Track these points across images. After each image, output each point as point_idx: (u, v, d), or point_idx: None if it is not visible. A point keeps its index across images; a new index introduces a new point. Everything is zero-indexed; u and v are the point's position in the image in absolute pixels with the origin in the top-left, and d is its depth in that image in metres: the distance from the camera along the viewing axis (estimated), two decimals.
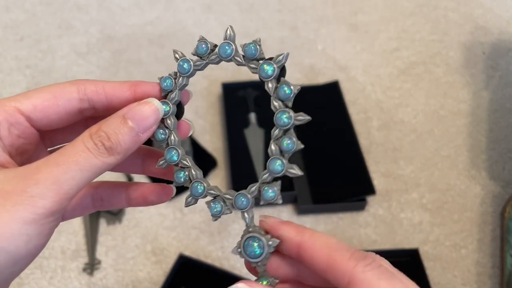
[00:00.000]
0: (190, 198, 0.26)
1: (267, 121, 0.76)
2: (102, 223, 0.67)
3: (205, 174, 0.72)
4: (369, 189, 0.68)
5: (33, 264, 0.62)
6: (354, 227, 0.67)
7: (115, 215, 0.67)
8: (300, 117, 0.22)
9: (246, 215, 0.25)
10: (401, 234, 0.66)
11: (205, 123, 0.79)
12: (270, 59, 0.23)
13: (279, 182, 0.24)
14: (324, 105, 0.80)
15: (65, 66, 0.89)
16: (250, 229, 0.24)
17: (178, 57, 0.26)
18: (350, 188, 0.69)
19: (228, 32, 0.25)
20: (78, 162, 0.21)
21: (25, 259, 0.21)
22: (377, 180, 0.71)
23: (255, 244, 0.23)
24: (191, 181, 0.26)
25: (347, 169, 0.71)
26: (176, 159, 0.26)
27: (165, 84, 0.26)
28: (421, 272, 0.60)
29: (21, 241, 0.20)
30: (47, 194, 0.20)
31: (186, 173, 0.26)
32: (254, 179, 0.70)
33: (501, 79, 0.87)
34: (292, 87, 0.23)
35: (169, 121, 0.26)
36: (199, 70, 0.26)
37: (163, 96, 0.26)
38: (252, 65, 0.24)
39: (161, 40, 0.94)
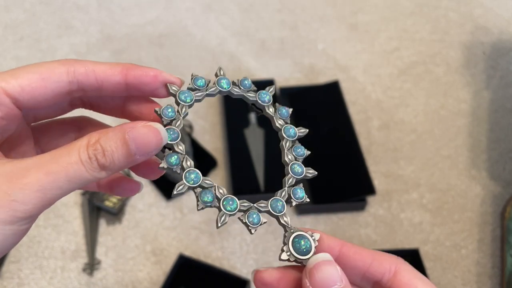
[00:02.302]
0: (224, 216, 0.25)
1: (267, 121, 0.76)
2: (102, 223, 0.67)
3: (205, 174, 0.72)
4: (369, 189, 0.68)
5: (33, 264, 0.62)
6: (354, 227, 0.67)
7: (115, 215, 0.67)
8: (301, 130, 0.28)
9: (285, 218, 0.26)
10: (401, 234, 0.66)
11: (205, 123, 0.79)
12: (263, 89, 0.29)
13: (301, 184, 0.27)
14: (324, 105, 0.80)
15: None
16: (293, 230, 0.25)
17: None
18: (350, 188, 0.69)
19: (221, 72, 0.28)
20: (68, 174, 0.21)
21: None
22: (377, 180, 0.71)
23: (303, 242, 0.24)
24: (219, 200, 0.25)
25: (347, 169, 0.71)
26: (198, 180, 0.25)
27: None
28: (421, 272, 0.60)
29: None
30: (30, 200, 0.20)
31: (212, 193, 0.25)
32: (254, 179, 0.70)
33: (501, 79, 0.87)
34: (288, 109, 0.29)
35: (180, 147, 0.25)
36: (198, 101, 0.27)
37: (166, 124, 0.25)
38: (250, 94, 0.29)
39: (161, 40, 0.94)
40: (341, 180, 0.70)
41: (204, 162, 0.73)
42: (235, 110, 0.78)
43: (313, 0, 1.04)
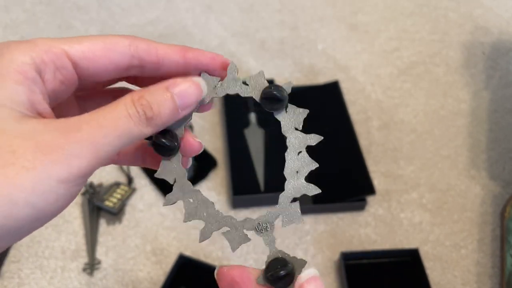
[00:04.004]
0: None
1: (267, 121, 0.76)
2: (102, 223, 0.67)
3: (205, 174, 0.72)
4: (369, 189, 0.68)
5: (33, 264, 0.62)
6: (354, 227, 0.67)
7: (115, 215, 0.67)
8: (312, 137, 0.28)
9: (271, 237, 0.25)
10: (401, 234, 0.66)
11: (205, 123, 0.79)
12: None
13: (297, 203, 0.26)
14: (324, 105, 0.80)
15: None
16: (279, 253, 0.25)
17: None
18: (350, 188, 0.69)
19: (233, 71, 0.27)
20: (117, 128, 0.21)
21: (46, 218, 0.21)
22: (377, 180, 0.71)
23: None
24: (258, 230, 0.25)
25: (347, 169, 0.71)
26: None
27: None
28: (421, 272, 0.60)
29: (50, 199, 0.20)
30: (85, 155, 0.20)
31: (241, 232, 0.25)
32: (254, 179, 0.70)
33: (501, 79, 0.87)
34: (302, 111, 0.28)
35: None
36: (204, 104, 0.26)
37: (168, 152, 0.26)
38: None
39: (161, 40, 0.93)
40: (341, 180, 0.70)
41: (204, 162, 0.73)
42: (235, 110, 0.78)
43: (313, 0, 1.04)
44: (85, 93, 0.27)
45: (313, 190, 0.26)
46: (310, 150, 0.28)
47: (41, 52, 0.22)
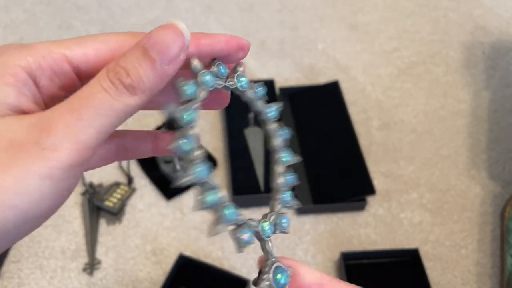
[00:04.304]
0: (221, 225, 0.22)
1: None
2: (102, 223, 0.67)
3: None
4: (369, 189, 0.68)
5: (33, 264, 0.62)
6: (354, 227, 0.67)
7: (115, 215, 0.67)
8: (296, 158, 0.26)
9: (271, 243, 0.24)
10: (401, 234, 0.66)
11: (205, 123, 0.79)
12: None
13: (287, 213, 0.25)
14: (324, 105, 0.80)
15: None
16: (273, 259, 0.23)
17: (199, 68, 0.23)
18: (350, 188, 0.69)
19: (241, 68, 0.24)
20: (94, 106, 0.18)
21: (36, 219, 0.19)
22: (377, 180, 0.71)
23: (280, 275, 0.23)
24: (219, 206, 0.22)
25: (347, 169, 0.71)
26: (234, 217, 0.22)
27: (186, 89, 0.22)
28: (421, 272, 0.60)
29: (34, 197, 0.18)
30: (62, 145, 0.18)
31: (250, 230, 0.23)
32: (254, 179, 0.70)
33: (501, 79, 0.87)
34: (288, 132, 0.26)
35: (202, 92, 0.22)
36: (217, 89, 0.23)
37: (183, 101, 0.22)
38: (259, 103, 0.26)
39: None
40: (341, 180, 0.70)
41: None
42: (235, 110, 0.78)
43: (313, 0, 1.04)
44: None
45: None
46: (311, 150, 0.28)
47: (39, 58, 0.20)
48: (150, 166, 0.72)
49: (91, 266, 0.62)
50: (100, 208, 0.68)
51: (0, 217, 0.17)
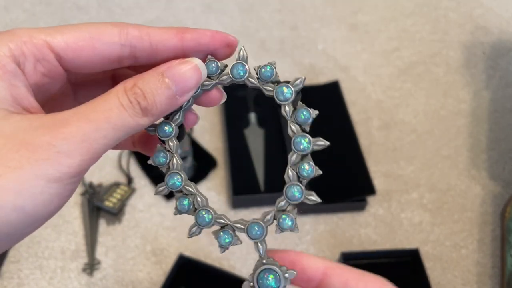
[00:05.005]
0: (195, 228, 0.23)
1: (267, 121, 0.76)
2: (102, 223, 0.67)
3: (205, 174, 0.72)
4: (369, 189, 0.68)
5: (33, 265, 0.62)
6: (354, 227, 0.67)
7: (115, 215, 0.67)
8: (319, 142, 0.22)
9: (259, 245, 0.23)
10: (401, 234, 0.66)
11: (205, 123, 0.79)
12: (287, 82, 0.23)
13: (295, 210, 0.23)
14: (324, 105, 0.80)
15: None
16: (264, 261, 0.23)
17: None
18: (350, 188, 0.69)
19: (242, 53, 0.24)
20: (110, 120, 0.19)
21: (41, 220, 0.19)
22: (377, 180, 0.71)
23: (271, 277, 0.22)
24: (196, 209, 0.23)
25: (347, 169, 0.71)
26: (179, 184, 0.23)
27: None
28: (421, 272, 0.60)
29: (41, 200, 0.18)
30: (76, 152, 0.18)
31: (190, 200, 0.23)
32: (254, 179, 0.70)
33: (501, 79, 0.87)
34: (310, 112, 0.23)
35: (171, 143, 0.23)
36: (207, 90, 0.24)
37: (165, 117, 0.23)
38: (268, 87, 0.23)
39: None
40: (341, 180, 0.70)
41: (204, 162, 0.73)
42: (235, 110, 0.78)
43: (313, 0, 1.04)
44: (81, 82, 0.25)
45: (315, 198, 0.23)
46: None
47: (20, 43, 0.20)
48: (150, 166, 0.72)
49: (91, 266, 0.62)
50: (100, 208, 0.68)
51: (5, 217, 0.17)
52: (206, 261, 0.62)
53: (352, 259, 0.62)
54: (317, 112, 0.23)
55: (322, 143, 0.22)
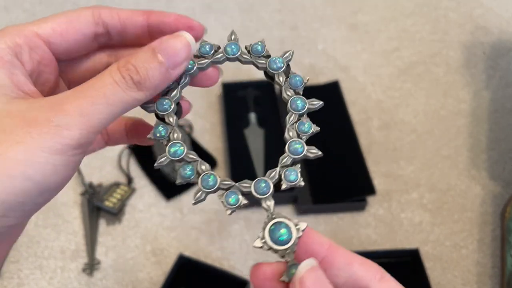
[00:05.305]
0: (200, 192, 0.23)
1: (267, 121, 0.76)
2: (102, 223, 0.67)
3: None
4: (369, 189, 0.68)
5: (33, 265, 0.62)
6: (354, 227, 0.67)
7: (115, 215, 0.67)
8: (314, 102, 0.25)
9: (267, 202, 0.23)
10: (401, 234, 0.66)
11: (205, 123, 0.79)
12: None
13: (299, 165, 0.24)
14: (324, 105, 0.80)
15: None
16: (274, 215, 0.23)
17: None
18: (350, 188, 0.69)
19: (233, 36, 0.26)
20: (105, 95, 0.21)
21: (50, 191, 0.21)
22: (377, 180, 0.71)
23: (283, 230, 0.22)
24: (199, 175, 0.23)
25: (347, 169, 0.71)
26: (181, 153, 0.23)
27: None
28: (421, 272, 0.60)
29: (48, 170, 0.20)
30: (74, 125, 0.20)
31: (194, 166, 0.24)
32: (254, 179, 0.70)
33: (501, 79, 0.87)
34: (302, 77, 0.25)
35: (170, 119, 0.24)
36: (202, 69, 0.25)
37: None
38: (261, 61, 0.25)
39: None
40: (341, 180, 0.70)
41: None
42: (235, 110, 0.78)
43: (313, 0, 1.04)
44: (76, 78, 0.27)
45: (315, 152, 0.24)
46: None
47: (13, 36, 0.22)
48: (150, 166, 0.72)
49: (91, 266, 0.62)
50: (100, 208, 0.67)
51: (16, 187, 0.19)
52: (206, 261, 0.62)
53: None
54: (308, 78, 0.25)
55: (316, 102, 0.25)
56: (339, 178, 0.70)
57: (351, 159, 0.72)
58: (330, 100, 0.81)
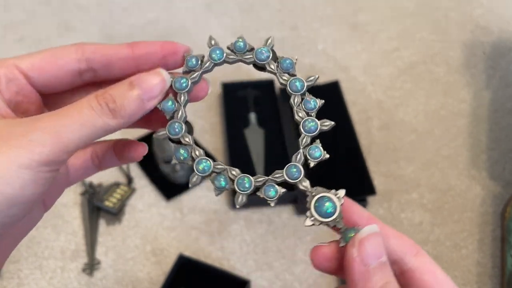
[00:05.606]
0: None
1: (267, 121, 0.76)
2: (102, 223, 0.67)
3: None
4: (369, 189, 0.68)
5: (33, 265, 0.62)
6: None
7: (115, 215, 0.67)
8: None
9: (303, 183, 0.25)
10: None
11: (205, 123, 0.79)
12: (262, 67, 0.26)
13: (318, 140, 0.26)
14: (324, 105, 0.80)
15: None
16: (314, 193, 0.25)
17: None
18: (350, 188, 0.69)
19: (213, 41, 0.27)
20: (80, 117, 0.21)
21: (20, 205, 0.21)
22: (377, 180, 0.71)
23: (327, 203, 0.24)
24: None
25: (347, 169, 0.71)
26: (208, 168, 0.25)
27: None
28: None
29: (17, 184, 0.20)
30: (46, 141, 0.21)
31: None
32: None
33: (501, 79, 0.87)
34: (291, 58, 0.26)
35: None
36: (196, 82, 0.26)
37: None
38: (247, 56, 0.26)
39: (161, 40, 0.94)
40: (341, 180, 0.70)
41: None
42: (235, 110, 0.78)
43: (313, 0, 1.04)
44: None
45: (328, 124, 0.27)
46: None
47: None
48: (150, 166, 0.72)
49: (91, 266, 0.62)
50: (99, 208, 0.68)
51: None
52: (206, 261, 0.62)
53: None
54: (297, 57, 0.26)
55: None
56: (339, 178, 0.70)
57: (351, 159, 0.72)
58: (330, 100, 0.80)
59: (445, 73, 0.88)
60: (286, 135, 0.73)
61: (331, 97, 0.81)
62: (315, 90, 0.27)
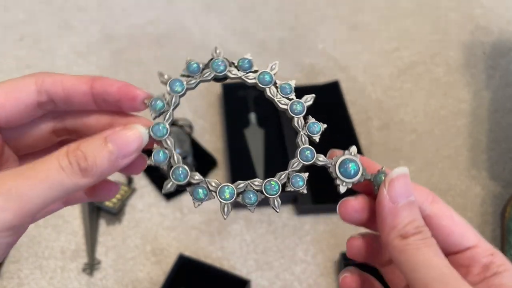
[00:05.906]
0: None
1: (267, 121, 0.76)
2: (102, 223, 0.67)
3: (205, 174, 0.72)
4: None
5: (33, 264, 0.62)
6: (354, 228, 0.67)
7: (115, 215, 0.67)
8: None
9: (320, 158, 0.27)
10: None
11: (205, 123, 0.79)
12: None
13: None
14: (324, 105, 0.80)
15: (65, 66, 0.89)
16: (333, 162, 0.26)
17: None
18: (350, 188, 0.69)
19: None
20: (48, 180, 0.20)
21: None
22: None
23: (349, 165, 0.26)
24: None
25: None
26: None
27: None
28: None
29: None
30: (8, 207, 0.19)
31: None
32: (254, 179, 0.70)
33: (501, 79, 0.87)
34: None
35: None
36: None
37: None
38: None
39: (161, 40, 0.94)
40: None
41: (204, 162, 0.73)
42: (235, 110, 0.78)
43: (313, 0, 1.03)
44: (29, 154, 0.27)
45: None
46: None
47: None
48: (150, 166, 0.72)
49: (91, 266, 0.62)
50: (100, 208, 0.68)
51: None
52: (206, 261, 0.62)
53: (352, 259, 0.61)
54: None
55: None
56: None
57: None
58: (330, 100, 0.80)
59: (445, 73, 0.88)
60: (286, 135, 0.73)
61: (331, 97, 0.81)
62: (316, 90, 0.27)
